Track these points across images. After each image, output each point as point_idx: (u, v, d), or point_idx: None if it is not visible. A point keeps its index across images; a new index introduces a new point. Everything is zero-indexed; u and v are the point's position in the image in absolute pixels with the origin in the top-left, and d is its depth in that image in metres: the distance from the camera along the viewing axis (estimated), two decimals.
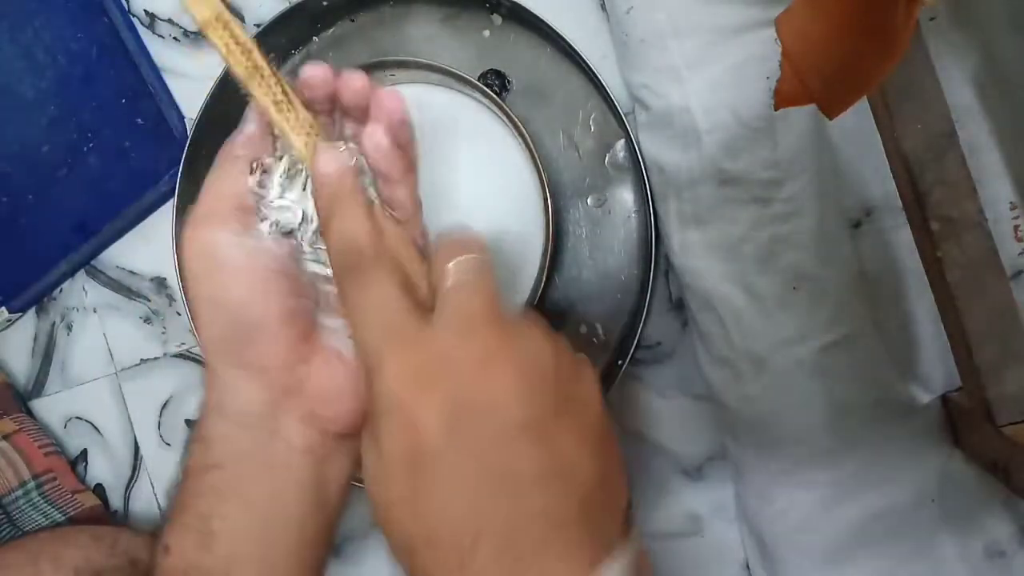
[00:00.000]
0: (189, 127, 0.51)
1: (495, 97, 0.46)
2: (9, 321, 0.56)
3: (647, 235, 0.48)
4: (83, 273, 0.55)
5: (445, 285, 0.28)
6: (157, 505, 0.56)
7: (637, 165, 0.47)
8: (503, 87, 0.49)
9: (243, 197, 0.32)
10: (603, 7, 0.48)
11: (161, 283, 0.55)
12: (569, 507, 0.26)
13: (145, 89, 0.53)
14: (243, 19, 0.53)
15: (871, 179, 0.45)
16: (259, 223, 0.32)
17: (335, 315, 0.33)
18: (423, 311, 0.28)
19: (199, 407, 0.33)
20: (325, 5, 0.50)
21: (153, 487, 0.56)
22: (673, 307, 0.49)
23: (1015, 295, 0.38)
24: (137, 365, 0.55)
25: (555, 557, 0.25)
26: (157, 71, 0.53)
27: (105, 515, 0.54)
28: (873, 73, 0.31)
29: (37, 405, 0.57)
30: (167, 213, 0.54)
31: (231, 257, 0.31)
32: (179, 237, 0.51)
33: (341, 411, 0.32)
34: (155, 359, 0.55)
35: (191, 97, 0.53)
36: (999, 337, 0.37)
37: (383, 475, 0.26)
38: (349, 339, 0.32)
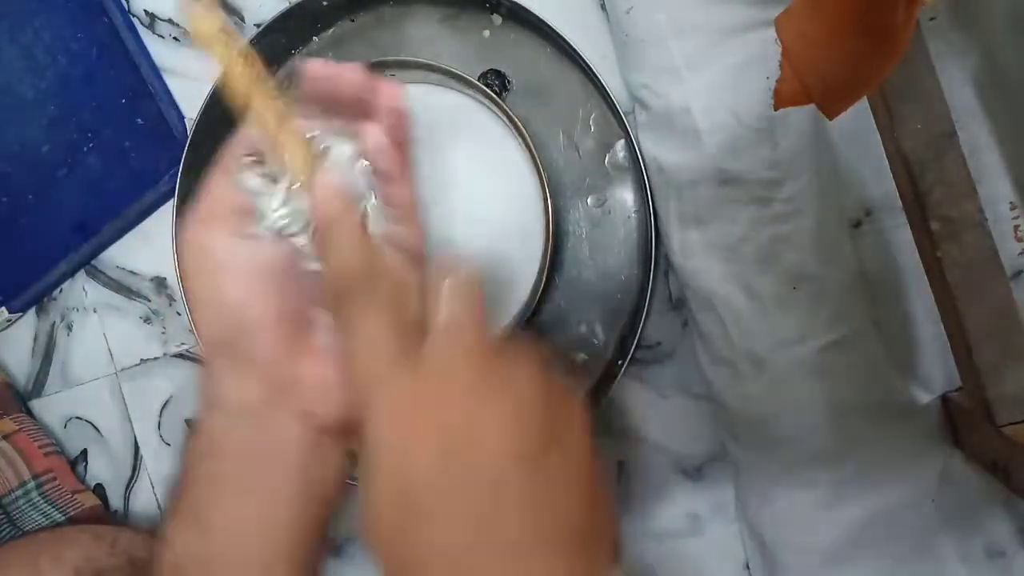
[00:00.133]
0: (189, 127, 0.51)
1: (495, 97, 0.46)
2: (9, 321, 0.56)
3: (647, 235, 0.48)
4: (83, 273, 0.55)
5: (436, 318, 0.29)
6: (157, 505, 0.56)
7: (637, 165, 0.47)
8: (503, 87, 0.49)
9: (242, 199, 0.32)
10: (603, 7, 0.48)
11: (161, 283, 0.55)
12: (559, 542, 0.26)
13: (145, 89, 0.53)
14: (243, 19, 0.53)
15: (871, 179, 0.45)
16: (258, 224, 0.32)
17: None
18: (417, 340, 0.28)
19: (198, 401, 0.33)
20: (325, 5, 0.50)
21: (153, 487, 0.56)
22: (673, 307, 0.49)
23: (1015, 295, 0.38)
24: (137, 365, 0.55)
25: None
26: (157, 71, 0.53)
27: (105, 515, 0.54)
28: (873, 73, 0.31)
29: (37, 405, 0.57)
30: (167, 213, 0.54)
31: (226, 257, 0.32)
32: (178, 237, 0.51)
33: (332, 408, 0.32)
34: (155, 359, 0.55)
35: (191, 97, 0.53)
36: (999, 337, 0.37)
37: (375, 508, 0.27)
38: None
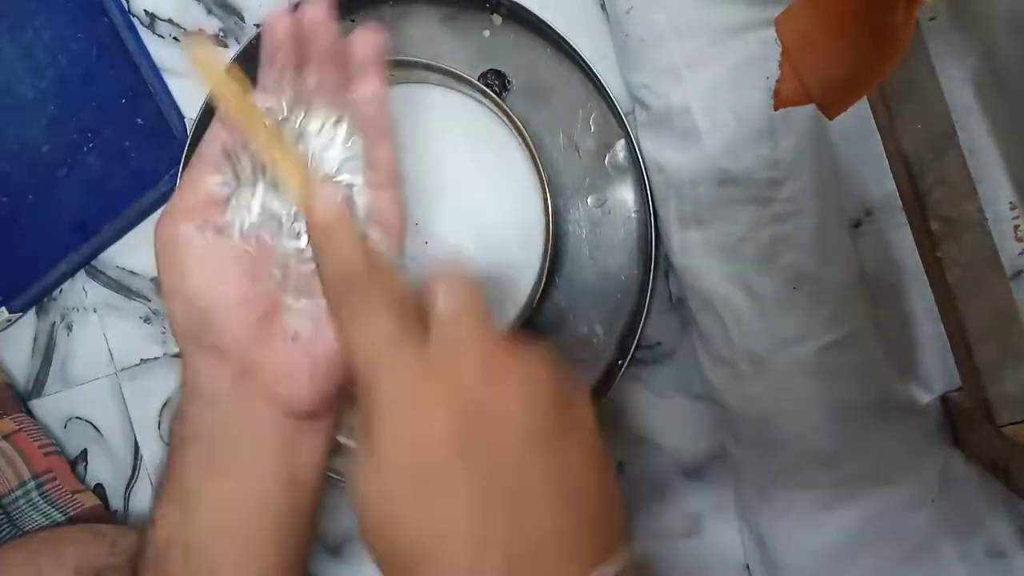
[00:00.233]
0: (189, 127, 0.51)
1: (495, 97, 0.46)
2: (9, 321, 0.56)
3: (647, 235, 0.48)
4: (83, 273, 0.55)
5: (438, 308, 0.29)
6: None
7: (637, 165, 0.47)
8: (503, 87, 0.49)
9: (212, 193, 0.34)
10: (603, 7, 0.48)
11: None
12: (577, 523, 0.26)
13: (145, 89, 0.53)
14: (243, 19, 0.53)
15: (871, 179, 0.45)
16: (229, 215, 0.34)
17: (302, 295, 0.34)
18: (419, 328, 0.29)
19: (180, 387, 0.34)
20: None
21: (153, 487, 0.56)
22: (673, 307, 0.49)
23: (1015, 295, 0.38)
24: (137, 365, 0.55)
25: (564, 572, 0.25)
26: (157, 71, 0.53)
27: (105, 515, 0.54)
28: (873, 73, 0.31)
29: (37, 405, 0.57)
30: None
31: (194, 249, 0.33)
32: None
33: (299, 393, 0.33)
34: (155, 359, 0.55)
35: (191, 97, 0.53)
36: (999, 337, 0.37)
37: (382, 489, 0.26)
38: (308, 321, 0.33)
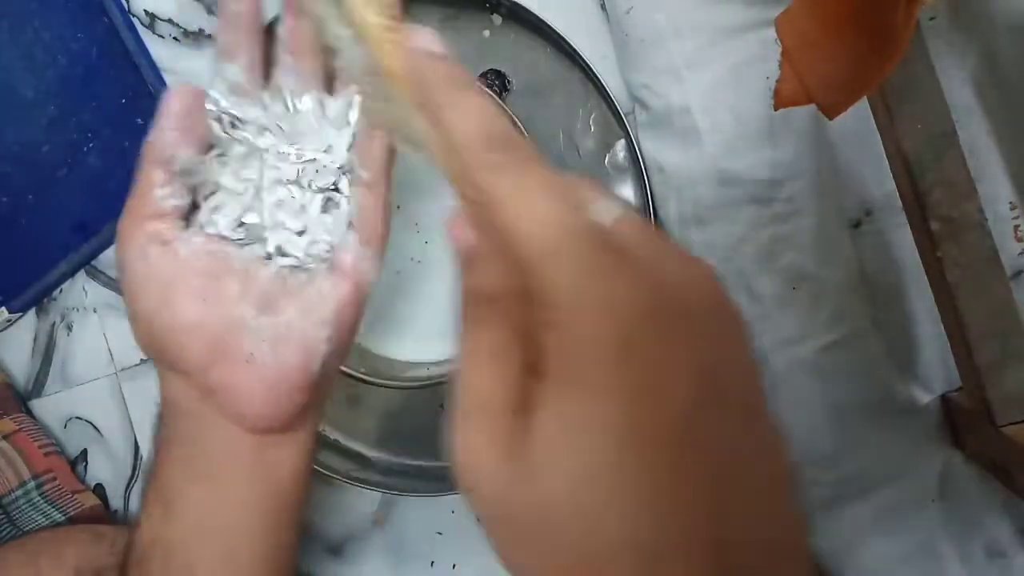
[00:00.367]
0: None
1: (495, 97, 0.46)
2: (9, 321, 0.55)
3: None
4: (83, 273, 0.55)
5: (617, 226, 0.22)
6: None
7: (637, 165, 0.47)
8: (503, 87, 0.49)
9: (158, 206, 0.33)
10: (603, 7, 0.48)
11: None
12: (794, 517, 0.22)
13: (145, 89, 0.53)
14: None
15: (871, 179, 0.45)
16: (182, 228, 0.33)
17: (261, 312, 0.32)
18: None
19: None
20: None
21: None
22: None
23: (1015, 295, 0.38)
24: (137, 365, 0.55)
25: None
26: (157, 71, 0.53)
27: (105, 515, 0.54)
28: (873, 73, 0.31)
29: (37, 405, 0.57)
30: None
31: (139, 270, 0.32)
32: None
33: (260, 412, 0.32)
34: None
35: None
36: (999, 337, 0.37)
37: (598, 455, 0.19)
38: (263, 342, 0.32)
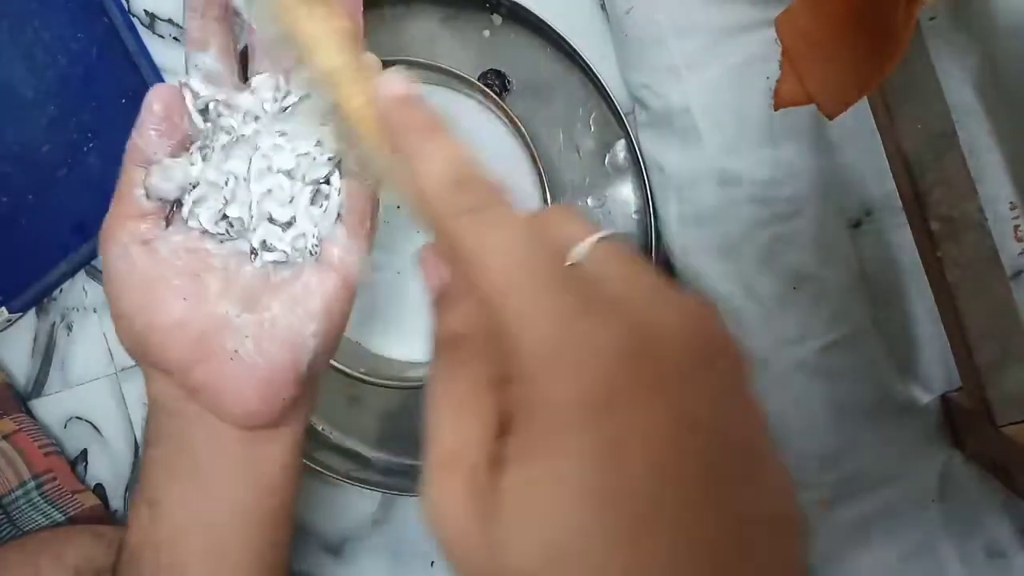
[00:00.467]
0: None
1: (495, 97, 0.46)
2: (9, 321, 0.55)
3: (647, 235, 0.48)
4: (83, 273, 0.55)
5: (595, 257, 0.22)
6: None
7: (637, 165, 0.47)
8: (503, 87, 0.49)
9: (139, 205, 0.33)
10: (603, 7, 0.48)
11: None
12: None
13: (145, 89, 0.52)
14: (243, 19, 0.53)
15: (871, 179, 0.45)
16: (163, 227, 0.33)
17: (244, 308, 0.32)
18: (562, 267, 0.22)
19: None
20: None
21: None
22: None
23: (1015, 295, 0.38)
24: (137, 365, 0.55)
25: None
26: (157, 71, 0.53)
27: (105, 515, 0.54)
28: (873, 73, 0.31)
29: (37, 405, 0.57)
30: None
31: (120, 269, 0.32)
32: None
33: (246, 409, 0.32)
34: None
35: None
36: (999, 337, 0.37)
37: (564, 511, 0.19)
38: (247, 339, 0.32)
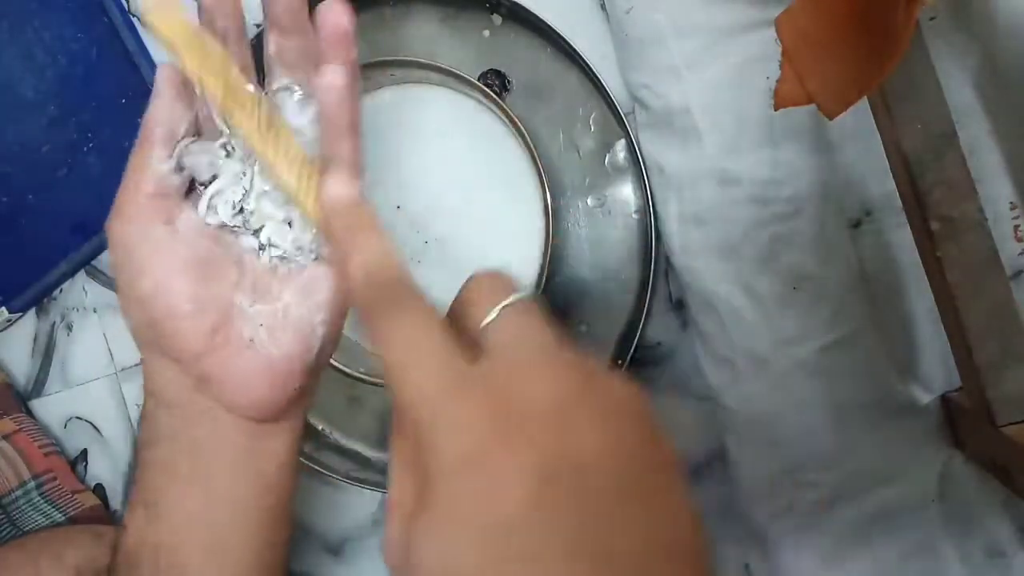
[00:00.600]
0: None
1: (495, 97, 0.46)
2: (9, 321, 0.55)
3: (647, 235, 0.48)
4: (83, 273, 0.55)
5: (494, 326, 0.25)
6: None
7: (637, 165, 0.47)
8: (503, 87, 0.49)
9: (160, 184, 0.32)
10: (603, 7, 0.48)
11: None
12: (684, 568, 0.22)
13: (145, 89, 0.53)
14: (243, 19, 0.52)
15: (871, 179, 0.45)
16: (181, 209, 0.32)
17: (258, 299, 0.32)
18: (468, 353, 0.24)
19: (143, 389, 0.33)
20: None
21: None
22: (673, 307, 0.49)
23: (1015, 295, 0.38)
24: (137, 365, 0.55)
25: None
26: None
27: (105, 515, 0.54)
28: (873, 73, 0.31)
29: (37, 405, 0.57)
30: None
31: (138, 251, 0.31)
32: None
33: (256, 400, 0.32)
34: None
35: None
36: (999, 337, 0.37)
37: (444, 551, 0.22)
38: (261, 327, 0.32)
